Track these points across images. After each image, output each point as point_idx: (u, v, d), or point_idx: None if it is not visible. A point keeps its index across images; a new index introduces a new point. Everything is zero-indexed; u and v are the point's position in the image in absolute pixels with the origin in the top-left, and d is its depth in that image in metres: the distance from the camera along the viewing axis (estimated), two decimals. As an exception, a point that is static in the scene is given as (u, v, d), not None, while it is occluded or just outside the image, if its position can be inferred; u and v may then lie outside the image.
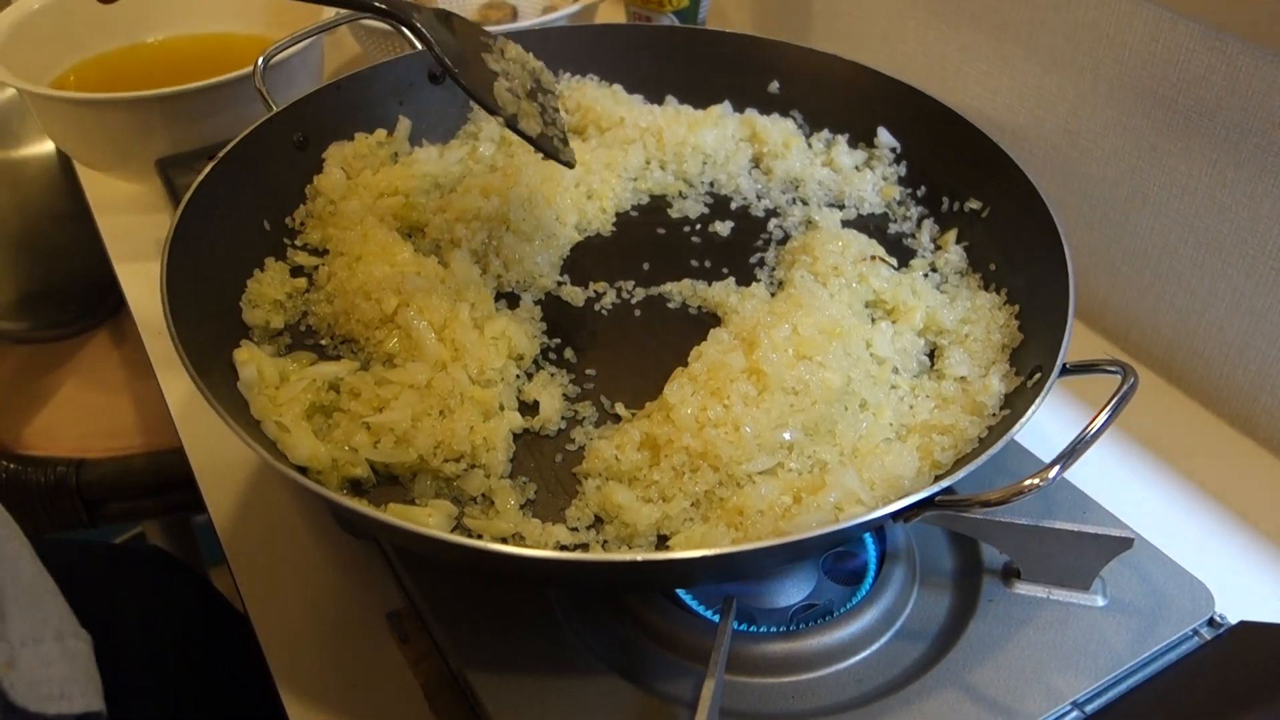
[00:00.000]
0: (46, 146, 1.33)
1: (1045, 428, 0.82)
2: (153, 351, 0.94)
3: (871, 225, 0.91)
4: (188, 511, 1.26)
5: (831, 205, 0.93)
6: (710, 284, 0.84)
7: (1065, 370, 0.66)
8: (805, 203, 0.93)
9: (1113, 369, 0.63)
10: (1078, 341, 0.97)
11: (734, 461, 0.66)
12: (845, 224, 0.90)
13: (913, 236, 0.89)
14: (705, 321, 0.82)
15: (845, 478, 0.64)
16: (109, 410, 1.21)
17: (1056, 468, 0.56)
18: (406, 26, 0.72)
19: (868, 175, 0.93)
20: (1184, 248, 0.87)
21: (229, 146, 0.81)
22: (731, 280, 0.85)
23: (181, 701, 0.92)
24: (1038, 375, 0.68)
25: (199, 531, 1.47)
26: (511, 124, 0.74)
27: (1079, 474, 0.75)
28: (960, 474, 0.60)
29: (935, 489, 0.58)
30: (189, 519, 1.46)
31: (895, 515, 0.58)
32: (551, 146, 0.76)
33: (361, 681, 0.68)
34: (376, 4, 0.72)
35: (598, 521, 0.68)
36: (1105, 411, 0.58)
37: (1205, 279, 0.87)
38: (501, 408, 0.73)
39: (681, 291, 0.84)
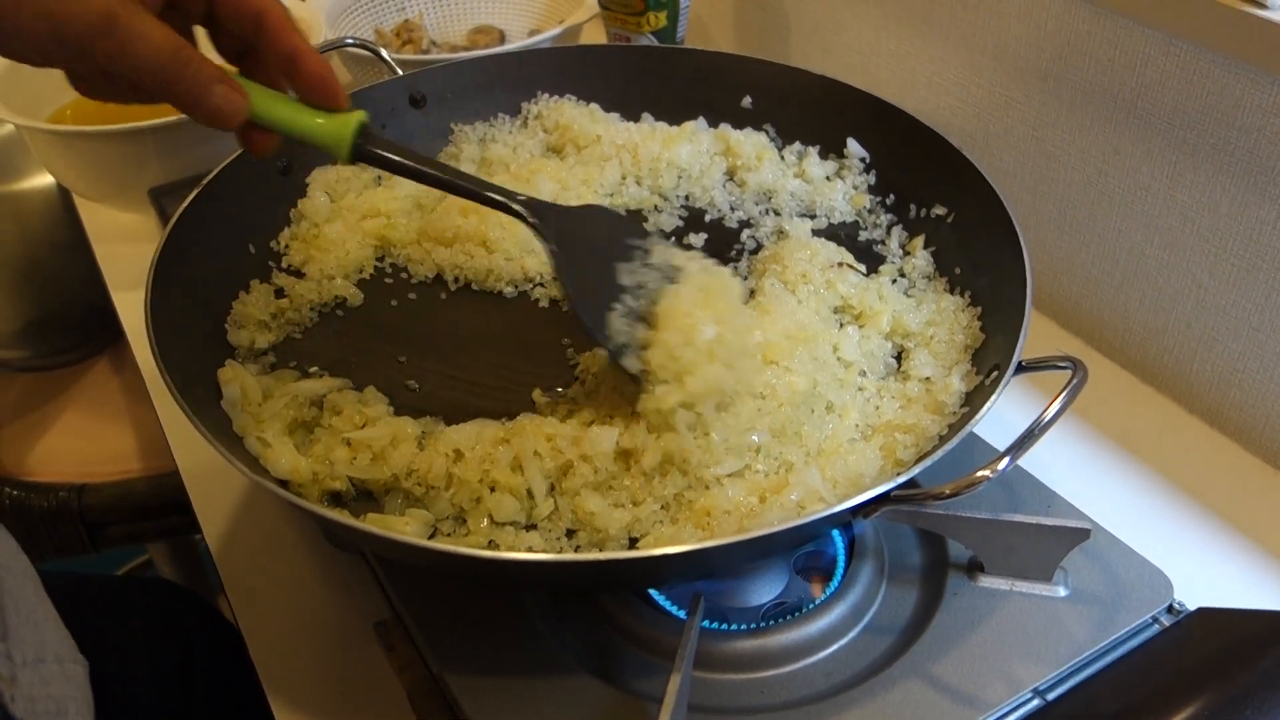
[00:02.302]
0: (47, 179, 1.36)
1: (1013, 425, 0.83)
2: (149, 376, 0.96)
3: (843, 233, 0.93)
4: (187, 533, 1.28)
5: (803, 215, 0.95)
6: (683, 295, 0.86)
7: (1021, 368, 0.67)
8: (778, 213, 0.95)
9: (1063, 364, 0.64)
10: (1052, 342, 0.99)
11: (702, 465, 0.68)
12: (817, 233, 0.92)
13: (882, 243, 0.91)
14: (679, 331, 0.83)
15: (808, 477, 0.65)
16: (110, 436, 1.23)
17: (1007, 459, 0.58)
18: (536, 233, 0.70)
19: (838, 185, 0.95)
20: (1150, 248, 0.89)
21: (213, 174, 0.83)
22: (704, 290, 0.86)
23: (185, 717, 0.95)
24: (995, 373, 0.70)
25: (206, 560, 1.49)
26: (614, 357, 0.69)
27: (1054, 471, 0.77)
28: (917, 469, 0.61)
29: (891, 484, 0.60)
30: (197, 549, 1.48)
31: (854, 511, 0.60)
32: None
33: (350, 690, 0.70)
34: (513, 205, 0.70)
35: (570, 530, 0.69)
36: (1055, 403, 0.60)
37: (1171, 278, 0.88)
38: None
39: (655, 303, 0.86)
